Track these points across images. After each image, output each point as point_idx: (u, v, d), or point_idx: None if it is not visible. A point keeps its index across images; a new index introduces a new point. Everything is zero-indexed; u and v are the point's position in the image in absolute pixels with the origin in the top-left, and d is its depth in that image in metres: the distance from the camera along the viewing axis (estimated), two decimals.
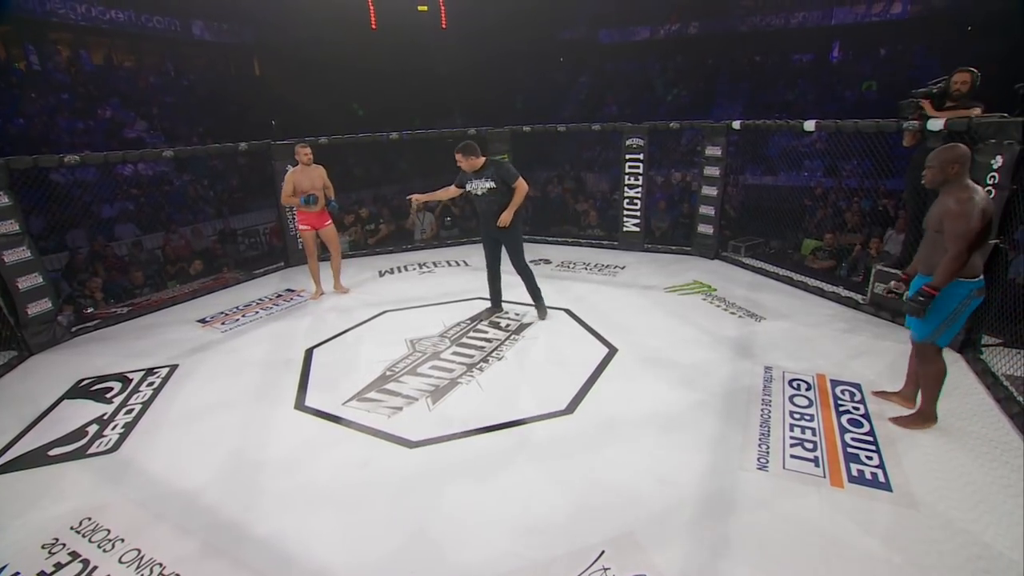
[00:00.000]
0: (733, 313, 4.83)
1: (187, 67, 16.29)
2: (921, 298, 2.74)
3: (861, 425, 3.12)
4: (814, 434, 3.06)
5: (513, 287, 5.58)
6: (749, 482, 2.70)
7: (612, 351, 4.15)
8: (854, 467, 2.78)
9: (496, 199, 4.49)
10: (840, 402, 3.36)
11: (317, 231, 5.53)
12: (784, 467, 2.80)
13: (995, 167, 3.65)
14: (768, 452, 2.91)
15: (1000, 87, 4.48)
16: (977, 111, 4.06)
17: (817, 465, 2.81)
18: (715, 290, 5.44)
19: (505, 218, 4.46)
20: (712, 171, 6.41)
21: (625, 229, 7.13)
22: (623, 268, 6.37)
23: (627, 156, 6.85)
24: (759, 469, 2.79)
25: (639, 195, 6.92)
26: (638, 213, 6.99)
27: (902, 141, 4.45)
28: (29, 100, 11.33)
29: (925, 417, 3.08)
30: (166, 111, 13.43)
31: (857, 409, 3.28)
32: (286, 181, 5.36)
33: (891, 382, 3.55)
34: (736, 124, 6.16)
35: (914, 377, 3.19)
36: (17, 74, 12.31)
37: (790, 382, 3.60)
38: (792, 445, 2.97)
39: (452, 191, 4.78)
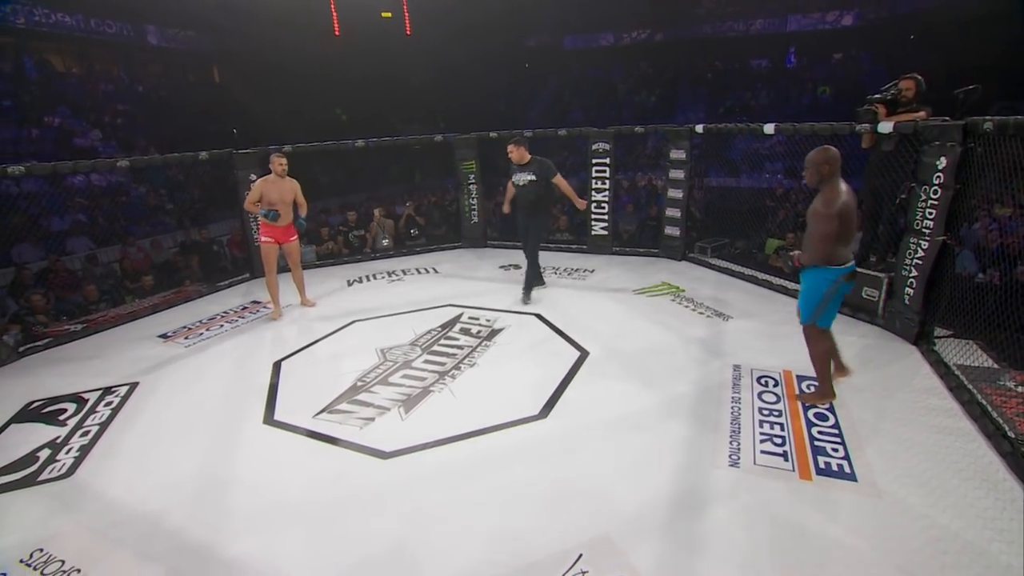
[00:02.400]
0: (701, 313, 4.92)
1: (142, 74, 15.81)
2: (792, 263, 3.26)
3: (826, 418, 3.22)
4: (783, 429, 3.14)
5: (483, 295, 5.59)
6: (721, 479, 2.76)
7: (584, 354, 4.18)
8: (821, 459, 2.87)
9: (534, 190, 5.20)
10: None
11: (281, 245, 5.29)
12: (755, 463, 2.87)
13: (940, 168, 3.83)
14: (739, 449, 2.98)
15: (943, 93, 4.71)
16: (923, 115, 4.25)
17: (786, 459, 2.88)
18: (683, 291, 5.53)
19: (582, 203, 5.36)
20: (677, 174, 6.52)
21: (594, 233, 7.17)
22: (592, 272, 6.40)
23: (594, 160, 6.89)
24: (731, 466, 2.85)
25: (606, 199, 6.98)
26: (606, 217, 7.04)
27: (861, 143, 4.63)
28: None
29: (824, 393, 3.36)
30: (120, 119, 13.00)
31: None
32: (253, 188, 5.14)
33: (854, 374, 3.67)
34: (699, 128, 6.30)
35: (834, 352, 3.45)
36: None
37: (758, 379, 3.69)
38: (762, 441, 3.04)
39: (511, 188, 5.41)
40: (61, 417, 3.73)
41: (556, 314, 5.03)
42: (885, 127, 4.25)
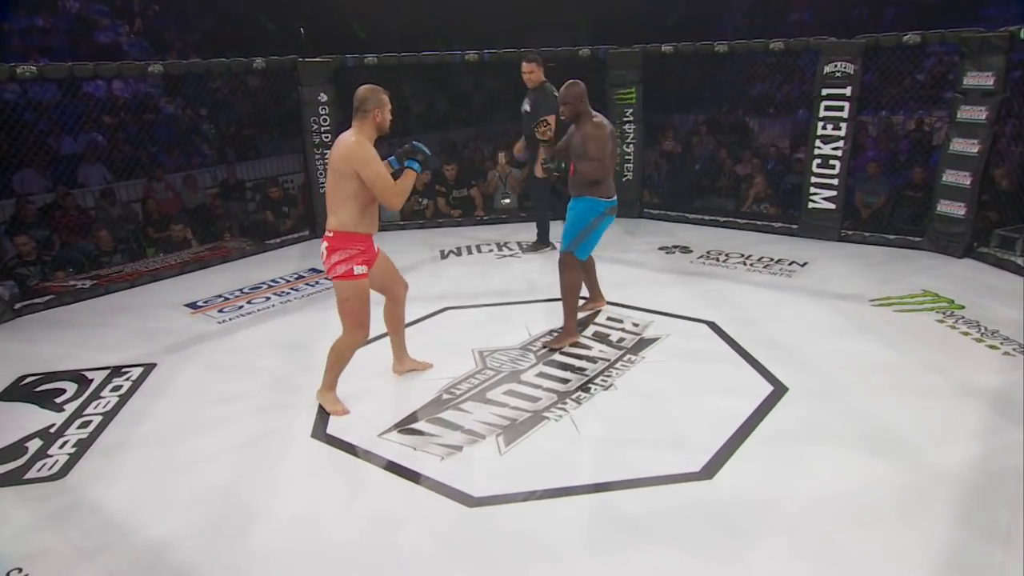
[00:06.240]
0: (994, 347, 4.54)
1: None
2: (561, 165, 4.53)
3: None
4: None
5: (631, 286, 5.53)
6: None
7: (779, 391, 4.04)
8: None
9: (529, 124, 5.66)
10: None
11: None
12: None
13: None
14: None
15: None
16: None
17: None
18: (961, 307, 5.17)
19: (518, 147, 6.28)
20: (974, 113, 6.04)
21: (812, 205, 6.99)
22: (804, 266, 6.23)
23: (824, 91, 6.66)
24: None
25: (839, 152, 6.72)
26: (834, 181, 6.80)
27: None
28: None
29: (568, 332, 4.67)
30: (154, 6, 14.08)
31: None
32: (374, 156, 3.60)
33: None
34: None
35: (592, 281, 5.13)
36: None
37: None
38: None
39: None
40: (58, 400, 4.21)
41: (740, 325, 4.92)
42: None
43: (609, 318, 5.07)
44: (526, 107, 6.16)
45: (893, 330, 4.84)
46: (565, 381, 4.18)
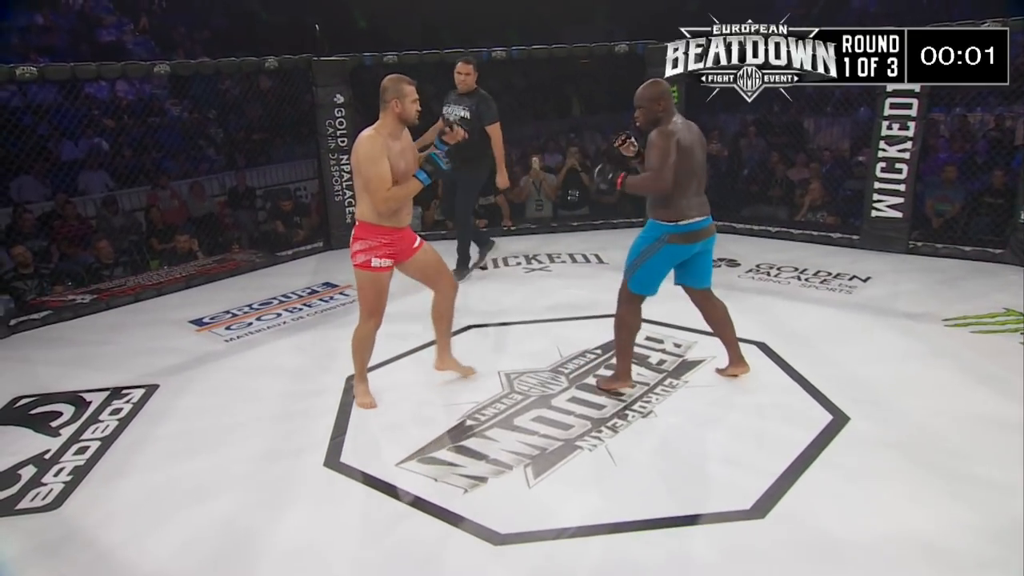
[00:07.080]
0: None
1: None
2: (609, 177, 4.11)
3: None
4: None
5: (672, 303, 5.48)
6: None
7: (839, 420, 3.97)
8: None
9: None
10: None
11: (400, 263, 4.16)
12: None
13: None
14: None
15: None
16: None
17: None
18: None
19: (502, 180, 6.48)
20: None
21: (876, 214, 6.91)
22: (867, 281, 6.18)
23: (889, 87, 6.57)
24: None
25: (906, 155, 6.64)
26: (902, 187, 6.71)
27: None
28: None
29: (619, 375, 4.31)
30: (159, 5, 14.34)
31: None
32: (377, 155, 3.81)
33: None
34: None
35: (729, 341, 4.42)
36: None
37: None
38: None
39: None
40: (54, 423, 4.27)
41: (795, 346, 4.87)
42: None
43: (648, 338, 5.03)
44: (463, 113, 6.18)
45: (970, 354, 4.74)
46: (600, 407, 4.15)
